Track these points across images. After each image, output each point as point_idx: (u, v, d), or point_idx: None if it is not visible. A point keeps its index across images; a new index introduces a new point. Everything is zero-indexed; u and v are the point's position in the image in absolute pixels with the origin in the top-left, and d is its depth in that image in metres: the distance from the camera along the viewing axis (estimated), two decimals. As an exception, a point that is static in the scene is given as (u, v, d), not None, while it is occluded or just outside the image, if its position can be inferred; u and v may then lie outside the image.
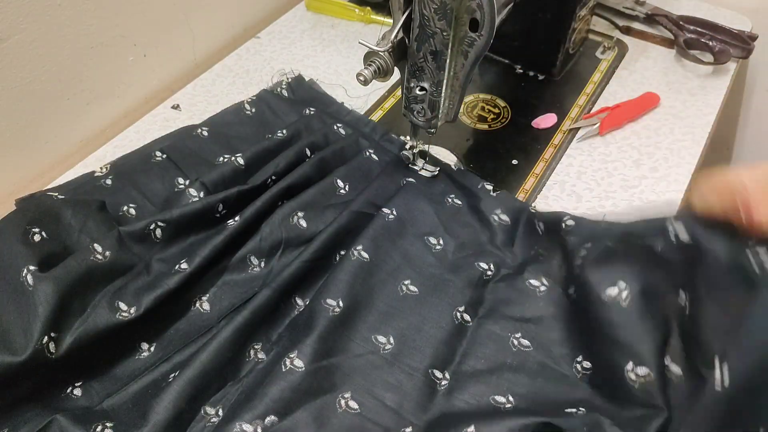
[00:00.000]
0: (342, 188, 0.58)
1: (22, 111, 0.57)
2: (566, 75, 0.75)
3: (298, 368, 0.45)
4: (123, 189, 0.57)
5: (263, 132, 0.64)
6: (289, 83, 0.70)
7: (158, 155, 0.60)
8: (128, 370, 0.47)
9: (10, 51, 0.54)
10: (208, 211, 0.54)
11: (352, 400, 0.45)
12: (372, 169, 0.61)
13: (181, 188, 0.57)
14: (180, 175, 0.59)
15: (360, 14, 0.82)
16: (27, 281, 0.44)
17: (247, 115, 0.66)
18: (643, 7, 0.81)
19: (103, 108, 0.66)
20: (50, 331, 0.44)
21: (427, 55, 0.50)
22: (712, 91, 0.73)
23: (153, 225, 0.52)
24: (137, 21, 0.65)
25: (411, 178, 0.61)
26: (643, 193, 0.61)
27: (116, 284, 0.49)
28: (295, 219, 0.54)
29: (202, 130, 0.63)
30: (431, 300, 0.51)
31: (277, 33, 0.80)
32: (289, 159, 0.59)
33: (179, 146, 0.61)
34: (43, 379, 0.44)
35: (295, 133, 0.63)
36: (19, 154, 0.59)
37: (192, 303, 0.50)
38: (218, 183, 0.57)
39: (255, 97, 0.68)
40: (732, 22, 0.79)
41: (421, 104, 0.54)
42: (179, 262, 0.50)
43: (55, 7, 0.56)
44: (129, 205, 0.56)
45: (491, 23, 0.46)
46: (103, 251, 0.49)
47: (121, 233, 0.50)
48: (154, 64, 0.69)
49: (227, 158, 0.60)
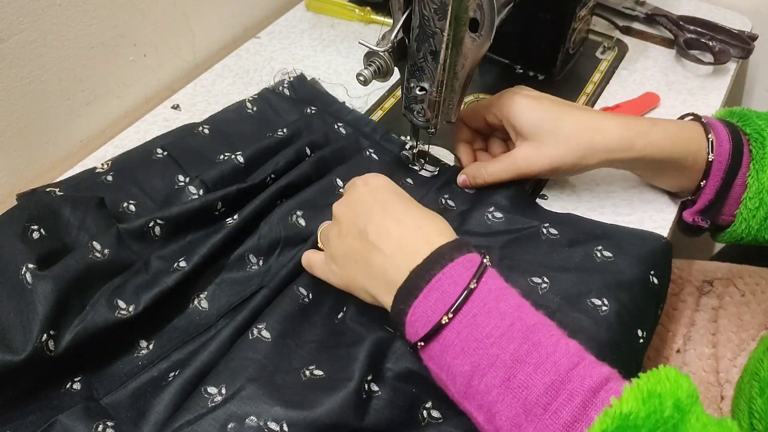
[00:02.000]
0: (341, 187, 0.58)
1: (22, 111, 0.57)
2: (566, 75, 0.75)
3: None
4: (123, 185, 0.57)
5: (264, 130, 0.64)
6: (291, 82, 0.70)
7: (159, 152, 0.60)
8: (127, 367, 0.47)
9: (10, 51, 0.54)
10: (207, 209, 0.54)
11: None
12: (372, 168, 0.61)
13: (181, 185, 0.57)
14: (180, 172, 0.59)
15: (360, 14, 0.82)
16: (26, 279, 0.45)
17: (248, 113, 0.66)
18: (643, 7, 0.81)
19: (103, 108, 0.65)
20: (49, 329, 0.44)
21: (427, 55, 0.50)
22: (712, 91, 0.73)
23: (152, 223, 0.52)
24: (137, 21, 0.65)
25: (410, 179, 0.61)
26: (644, 194, 0.61)
27: (115, 282, 0.49)
28: (294, 218, 0.54)
29: (203, 128, 0.63)
30: None
31: (277, 33, 0.80)
32: (289, 157, 0.59)
33: (180, 143, 0.61)
34: (42, 376, 0.44)
35: (295, 132, 0.63)
36: (19, 154, 0.59)
37: (190, 301, 0.51)
38: (218, 181, 0.57)
39: (257, 96, 0.68)
40: (732, 22, 0.79)
41: (421, 104, 0.54)
42: (178, 260, 0.50)
43: (55, 7, 0.56)
44: (129, 201, 0.56)
45: (491, 23, 0.46)
46: (102, 249, 0.49)
47: (120, 231, 0.50)
48: (154, 64, 0.69)
49: (227, 156, 0.60)
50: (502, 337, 0.37)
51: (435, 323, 0.38)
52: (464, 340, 0.38)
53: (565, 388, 0.34)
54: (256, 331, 0.46)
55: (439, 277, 0.39)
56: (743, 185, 0.53)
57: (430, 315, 0.39)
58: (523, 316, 0.38)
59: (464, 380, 0.38)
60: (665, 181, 0.59)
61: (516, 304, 0.39)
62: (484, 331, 0.37)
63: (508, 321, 0.37)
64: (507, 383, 0.36)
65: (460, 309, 0.38)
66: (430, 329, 0.39)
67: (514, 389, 0.35)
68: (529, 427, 0.34)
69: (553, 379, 0.35)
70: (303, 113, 0.66)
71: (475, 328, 0.38)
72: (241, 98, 0.68)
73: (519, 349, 0.36)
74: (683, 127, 0.54)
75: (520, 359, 0.36)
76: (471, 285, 0.38)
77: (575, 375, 0.35)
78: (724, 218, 0.56)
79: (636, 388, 0.33)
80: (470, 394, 0.37)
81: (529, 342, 0.36)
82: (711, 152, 0.53)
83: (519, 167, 0.55)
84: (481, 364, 0.37)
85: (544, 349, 0.36)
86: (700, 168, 0.53)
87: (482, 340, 0.37)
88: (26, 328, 0.43)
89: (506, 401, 0.35)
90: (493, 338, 0.37)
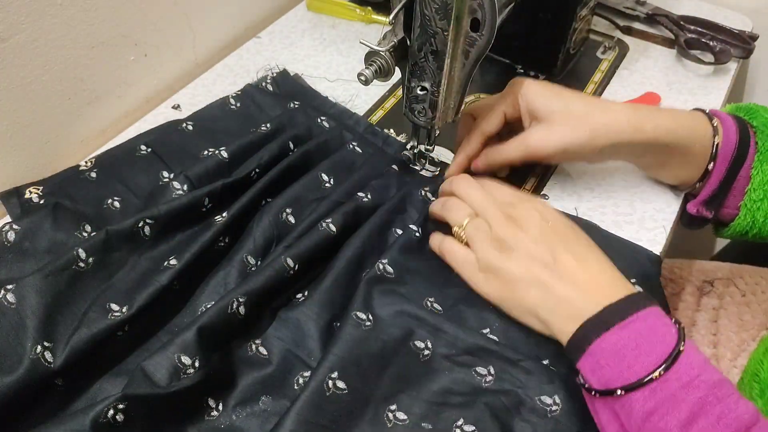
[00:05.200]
0: (327, 182, 0.59)
1: (23, 111, 0.57)
2: (567, 75, 0.75)
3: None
4: (108, 182, 0.57)
5: (248, 126, 0.64)
6: (274, 77, 0.71)
7: (143, 149, 0.60)
8: (134, 363, 0.46)
9: (11, 51, 0.54)
10: (194, 206, 0.54)
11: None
12: (356, 161, 0.62)
13: (166, 181, 0.57)
14: (165, 168, 0.59)
15: (361, 14, 0.82)
16: (7, 300, 0.44)
17: (231, 109, 0.66)
18: (643, 7, 0.81)
19: (103, 108, 0.65)
20: (42, 340, 0.43)
21: (428, 55, 0.50)
22: (713, 91, 0.73)
23: (141, 223, 0.51)
24: (138, 20, 0.65)
25: (395, 166, 0.61)
26: (645, 194, 0.61)
27: (103, 287, 0.48)
28: (284, 216, 0.55)
29: (187, 125, 0.63)
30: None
31: (277, 33, 0.80)
32: (273, 152, 0.59)
33: (164, 140, 0.62)
34: (51, 391, 0.44)
35: (278, 127, 0.63)
36: (19, 154, 0.59)
37: (197, 309, 0.50)
38: (202, 176, 0.57)
39: (240, 92, 0.68)
40: (733, 22, 0.79)
41: (422, 104, 0.54)
42: (168, 258, 0.50)
43: (56, 6, 0.56)
44: (114, 198, 0.56)
45: (492, 23, 0.46)
46: (87, 258, 0.48)
47: (108, 234, 0.50)
48: (154, 64, 0.69)
49: (211, 152, 0.60)
50: (689, 384, 0.38)
51: (643, 375, 0.39)
52: (665, 385, 0.39)
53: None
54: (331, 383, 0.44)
55: (633, 319, 0.41)
56: (747, 177, 0.53)
57: (625, 355, 0.40)
58: (710, 370, 0.39)
59: (642, 416, 0.39)
60: (671, 171, 0.58)
61: (703, 359, 0.40)
62: (684, 379, 0.39)
63: (696, 371, 0.39)
64: (687, 428, 0.37)
65: (669, 369, 0.39)
66: (638, 380, 0.39)
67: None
68: None
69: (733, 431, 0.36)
70: (286, 108, 0.66)
71: (677, 374, 0.39)
72: (241, 98, 0.68)
73: (705, 399, 0.37)
74: (688, 114, 0.55)
75: (704, 408, 0.37)
76: (680, 348, 0.40)
77: (756, 430, 0.36)
78: (727, 211, 0.56)
79: None
80: (646, 429, 0.38)
81: (713, 395, 0.38)
82: (717, 135, 0.53)
83: (529, 147, 0.55)
84: (664, 404, 0.38)
85: (726, 405, 0.37)
86: (706, 154, 0.53)
87: (680, 388, 0.38)
88: (19, 345, 0.43)
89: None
90: (682, 383, 0.38)
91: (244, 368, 0.47)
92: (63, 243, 0.52)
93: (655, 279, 0.53)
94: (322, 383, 0.43)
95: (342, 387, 0.44)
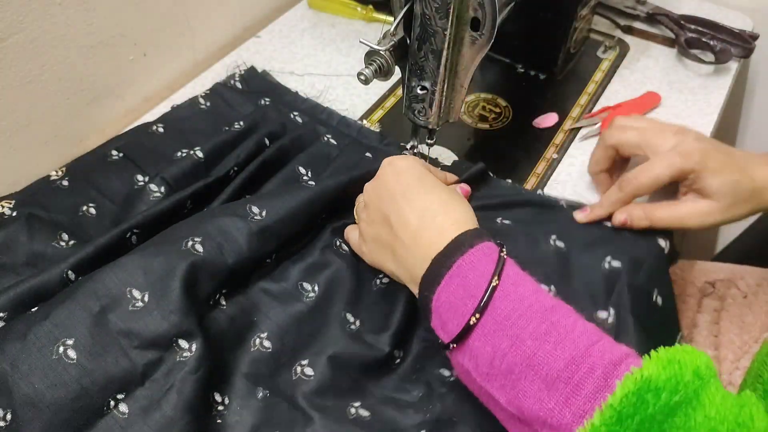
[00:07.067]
0: (305, 174, 0.59)
1: (22, 110, 0.57)
2: (568, 74, 0.75)
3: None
4: (81, 189, 0.57)
5: (219, 124, 0.64)
6: (243, 75, 0.71)
7: (114, 154, 0.60)
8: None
9: (11, 50, 0.54)
10: (178, 208, 0.54)
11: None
12: (331, 153, 0.62)
13: (141, 185, 0.57)
14: (138, 172, 0.59)
15: (362, 12, 0.82)
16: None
17: (201, 108, 0.66)
18: (644, 6, 0.81)
19: (103, 107, 0.65)
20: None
21: (428, 54, 0.50)
22: (713, 90, 0.73)
23: (129, 234, 0.51)
24: (137, 20, 0.64)
25: (369, 153, 0.62)
26: (645, 193, 0.61)
27: None
28: None
29: (157, 127, 0.63)
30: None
31: (277, 32, 0.80)
32: (249, 149, 0.59)
33: (135, 144, 0.61)
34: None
35: (252, 124, 0.63)
36: (19, 154, 0.59)
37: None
38: (179, 177, 0.57)
39: (209, 91, 0.68)
40: (733, 21, 0.79)
41: (422, 104, 0.54)
42: None
43: (56, 6, 0.56)
44: (88, 204, 0.56)
45: (492, 22, 0.46)
46: (76, 279, 0.47)
47: (97, 248, 0.49)
48: (154, 63, 0.69)
49: (185, 152, 0.59)
50: (520, 317, 0.38)
51: (463, 325, 0.39)
52: (485, 326, 0.39)
53: (586, 362, 0.35)
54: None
55: (459, 263, 0.41)
56: None
57: (457, 306, 0.40)
58: (541, 298, 0.39)
59: (486, 362, 0.38)
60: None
61: (533, 289, 0.40)
62: (502, 314, 0.38)
63: (526, 303, 0.38)
64: (528, 361, 0.36)
65: (486, 307, 0.39)
66: (460, 331, 0.39)
67: (535, 366, 0.36)
68: (551, 401, 0.35)
69: (573, 355, 0.35)
70: (257, 105, 0.67)
71: (494, 312, 0.39)
72: (241, 98, 0.68)
73: (538, 329, 0.37)
74: None
75: (540, 337, 0.37)
76: (493, 282, 0.39)
77: (595, 351, 0.35)
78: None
79: (656, 356, 0.34)
80: (492, 375, 0.38)
81: (547, 322, 0.37)
82: None
83: (683, 221, 0.53)
84: (501, 345, 0.38)
85: (562, 328, 0.37)
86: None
87: (501, 322, 0.38)
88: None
89: (528, 378, 0.36)
90: (512, 319, 0.38)
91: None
92: (41, 254, 0.51)
93: (664, 271, 0.54)
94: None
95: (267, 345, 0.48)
